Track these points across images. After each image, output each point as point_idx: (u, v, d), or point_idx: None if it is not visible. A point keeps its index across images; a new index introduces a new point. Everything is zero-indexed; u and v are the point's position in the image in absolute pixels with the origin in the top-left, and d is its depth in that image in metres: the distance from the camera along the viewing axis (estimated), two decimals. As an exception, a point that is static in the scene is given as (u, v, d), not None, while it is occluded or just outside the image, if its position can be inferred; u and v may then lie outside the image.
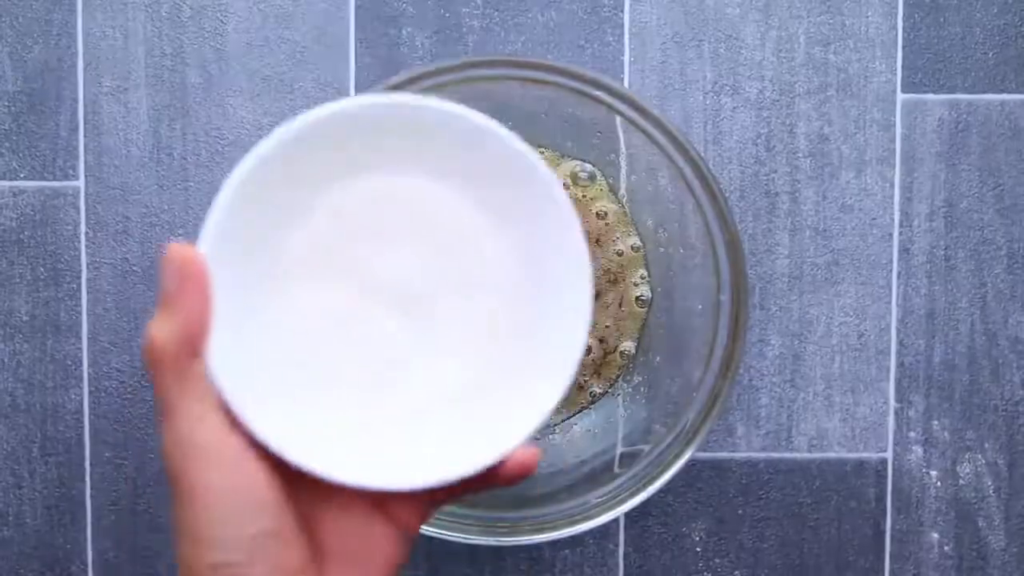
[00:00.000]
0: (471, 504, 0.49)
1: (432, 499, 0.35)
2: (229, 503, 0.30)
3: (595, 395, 0.54)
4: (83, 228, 0.56)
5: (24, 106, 0.56)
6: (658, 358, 0.54)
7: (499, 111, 0.51)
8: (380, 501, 0.34)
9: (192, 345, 0.31)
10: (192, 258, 0.31)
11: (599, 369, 0.54)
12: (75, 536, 0.57)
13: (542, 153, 0.54)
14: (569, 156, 0.54)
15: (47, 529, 0.57)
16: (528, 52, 0.56)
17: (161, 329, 0.31)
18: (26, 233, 0.56)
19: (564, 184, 0.53)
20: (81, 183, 0.56)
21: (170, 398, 0.31)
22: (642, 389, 0.54)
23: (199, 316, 0.31)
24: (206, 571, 0.30)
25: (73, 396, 0.56)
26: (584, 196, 0.53)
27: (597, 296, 0.53)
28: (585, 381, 0.54)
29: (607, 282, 0.54)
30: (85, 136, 0.56)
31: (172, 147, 0.56)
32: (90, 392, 0.56)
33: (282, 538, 0.31)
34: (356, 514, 0.34)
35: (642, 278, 0.54)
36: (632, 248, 0.54)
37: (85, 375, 0.56)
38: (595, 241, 0.54)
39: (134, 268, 0.56)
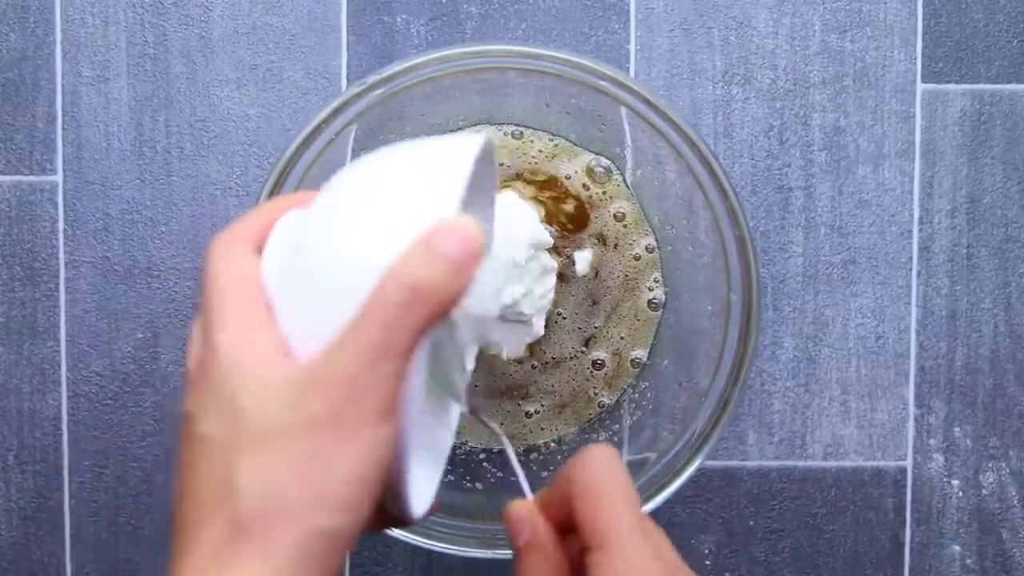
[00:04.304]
0: (469, 517, 0.48)
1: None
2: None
3: (604, 406, 0.54)
4: (61, 225, 0.55)
5: (-1, 96, 0.55)
6: (665, 362, 0.53)
7: (499, 102, 0.52)
8: None
9: (433, 316, 0.29)
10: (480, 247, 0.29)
11: (611, 381, 0.53)
12: (53, 548, 0.56)
13: (555, 144, 0.52)
14: (584, 148, 0.53)
15: (23, 542, 0.56)
16: (529, 40, 0.55)
17: (433, 270, 0.29)
18: (1, 230, 0.55)
19: (583, 184, 0.52)
20: (59, 177, 0.55)
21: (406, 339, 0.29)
22: (649, 395, 0.53)
23: (453, 299, 0.29)
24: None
25: (51, 401, 0.55)
26: (604, 194, 0.52)
27: (614, 308, 0.52)
28: (595, 393, 0.53)
29: (625, 291, 0.53)
30: (63, 128, 0.55)
31: (155, 140, 0.55)
32: (68, 397, 0.56)
33: None
34: None
35: (656, 281, 0.53)
36: (647, 249, 0.53)
37: (63, 379, 0.55)
38: (613, 246, 0.52)
39: (115, 267, 0.55)
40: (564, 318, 0.52)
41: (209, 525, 0.28)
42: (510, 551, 0.47)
